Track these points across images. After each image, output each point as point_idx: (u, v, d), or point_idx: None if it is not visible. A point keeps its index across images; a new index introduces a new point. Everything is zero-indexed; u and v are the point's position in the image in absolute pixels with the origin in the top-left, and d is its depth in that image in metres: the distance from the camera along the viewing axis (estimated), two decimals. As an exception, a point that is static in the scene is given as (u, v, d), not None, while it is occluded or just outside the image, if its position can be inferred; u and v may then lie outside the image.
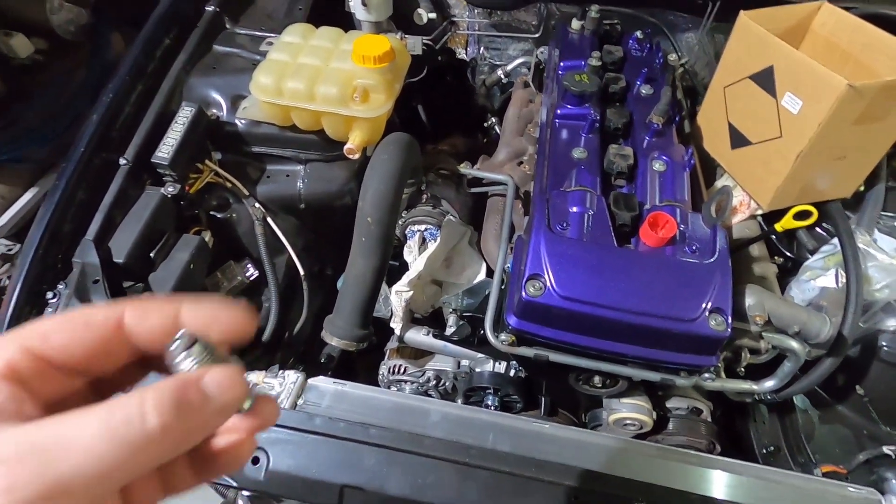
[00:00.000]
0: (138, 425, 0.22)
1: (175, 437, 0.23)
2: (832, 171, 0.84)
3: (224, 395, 0.24)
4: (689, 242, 0.72)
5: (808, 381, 0.80)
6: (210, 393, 0.24)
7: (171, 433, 0.22)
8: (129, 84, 0.95)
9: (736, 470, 0.67)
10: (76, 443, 0.21)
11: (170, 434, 0.22)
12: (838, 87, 0.70)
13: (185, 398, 0.23)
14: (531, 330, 0.71)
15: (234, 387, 0.25)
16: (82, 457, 0.21)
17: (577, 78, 0.90)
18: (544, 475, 0.62)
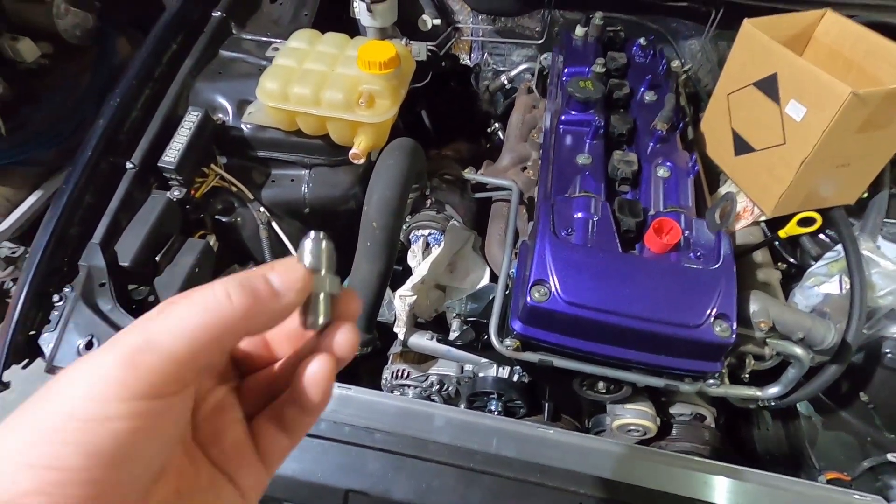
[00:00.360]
0: (225, 302, 0.25)
1: (249, 318, 0.26)
2: (836, 178, 0.84)
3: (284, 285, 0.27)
4: (693, 248, 0.72)
5: (812, 388, 0.80)
6: (273, 283, 0.27)
7: (248, 312, 0.26)
8: (136, 88, 0.96)
9: (740, 476, 0.67)
10: (175, 313, 0.25)
11: (248, 313, 0.26)
12: (842, 95, 0.71)
13: (253, 285, 0.26)
14: (536, 335, 0.71)
15: (293, 280, 0.28)
16: (180, 322, 0.24)
17: (582, 84, 0.91)
18: (548, 480, 0.62)
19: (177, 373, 0.24)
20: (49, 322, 0.76)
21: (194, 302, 0.25)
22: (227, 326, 0.25)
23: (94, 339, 0.73)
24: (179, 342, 0.24)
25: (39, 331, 0.76)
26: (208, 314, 0.25)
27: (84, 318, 0.74)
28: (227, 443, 0.29)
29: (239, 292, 0.26)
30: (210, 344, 0.25)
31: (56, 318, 0.76)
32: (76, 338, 0.74)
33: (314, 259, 0.30)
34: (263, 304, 0.26)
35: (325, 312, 0.30)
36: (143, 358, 0.23)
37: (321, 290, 0.29)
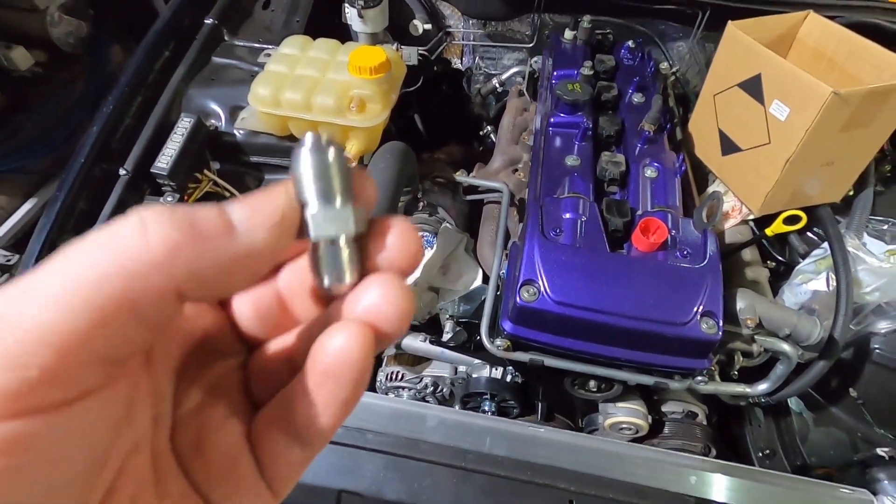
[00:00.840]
0: (136, 239, 0.15)
1: (181, 266, 0.16)
2: (821, 176, 0.86)
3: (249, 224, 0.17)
4: (680, 247, 0.73)
5: (801, 384, 0.81)
6: (233, 219, 0.17)
7: (176, 255, 0.15)
8: (129, 95, 0.97)
9: (731, 472, 0.68)
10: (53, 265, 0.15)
11: (176, 256, 0.15)
12: (824, 95, 0.72)
13: (194, 219, 0.16)
14: (526, 335, 0.72)
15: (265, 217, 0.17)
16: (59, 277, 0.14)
17: (570, 87, 0.92)
18: (540, 478, 0.63)
19: (60, 366, 0.14)
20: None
21: (87, 243, 0.15)
22: (142, 278, 0.15)
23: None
24: (53, 307, 0.14)
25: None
26: (105, 260, 0.14)
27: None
28: (214, 453, 0.19)
29: (162, 223, 0.15)
30: (115, 310, 0.14)
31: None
32: (70, 343, 0.74)
33: (314, 183, 0.18)
34: (210, 243, 0.16)
35: (350, 264, 0.19)
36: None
37: (332, 233, 0.18)
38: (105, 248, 0.15)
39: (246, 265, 0.17)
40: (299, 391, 0.18)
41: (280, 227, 0.17)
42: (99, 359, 0.15)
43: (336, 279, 0.19)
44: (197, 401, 0.20)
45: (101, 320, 0.14)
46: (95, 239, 0.15)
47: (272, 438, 0.20)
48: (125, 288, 0.15)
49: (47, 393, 0.14)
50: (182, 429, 0.20)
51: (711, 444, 0.89)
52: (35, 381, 0.13)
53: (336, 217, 0.18)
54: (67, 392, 0.14)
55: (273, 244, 0.17)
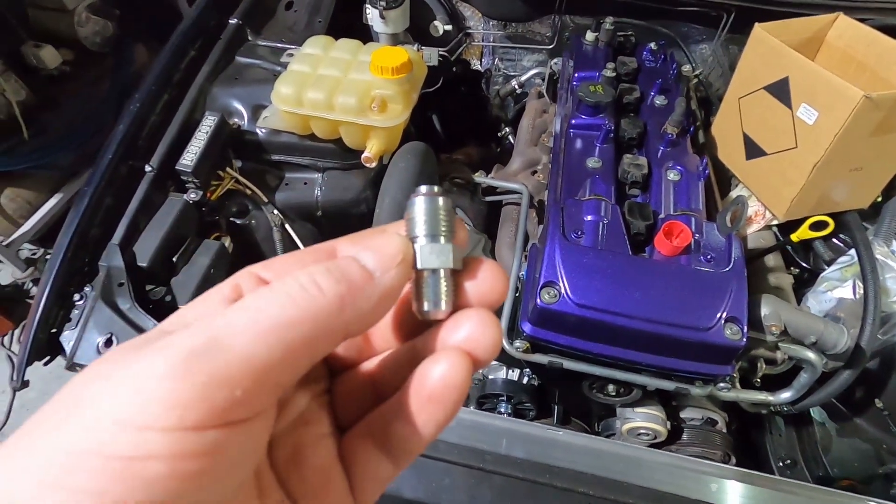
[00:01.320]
0: (316, 293, 0.18)
1: (346, 313, 0.19)
2: (849, 181, 0.84)
3: (383, 267, 0.20)
4: (703, 251, 0.72)
5: (826, 393, 0.79)
6: (368, 267, 0.20)
7: (344, 305, 0.19)
8: (155, 93, 0.99)
9: (752, 481, 0.67)
10: (252, 305, 0.18)
11: (344, 306, 0.19)
12: (855, 98, 0.71)
13: (344, 270, 0.20)
14: (545, 337, 0.72)
15: (393, 259, 0.20)
16: (260, 317, 0.17)
17: (592, 89, 0.92)
18: (558, 482, 0.62)
19: (254, 388, 0.16)
20: (70, 320, 0.78)
21: (276, 292, 0.18)
22: (322, 324, 0.18)
23: (114, 337, 0.75)
24: (259, 344, 0.17)
25: (61, 329, 0.78)
26: (297, 308, 0.18)
27: (104, 317, 0.76)
28: (309, 468, 0.22)
29: (329, 280, 0.19)
30: (301, 348, 0.18)
31: (77, 317, 0.78)
32: (96, 335, 0.76)
33: (424, 223, 0.22)
34: (360, 292, 0.19)
35: (447, 293, 0.22)
36: (205, 365, 0.16)
37: (435, 265, 0.22)
38: (294, 298, 0.18)
39: (386, 302, 0.21)
40: (399, 411, 0.21)
41: (403, 265, 0.21)
42: (277, 388, 0.18)
43: (435, 305, 0.22)
44: (291, 421, 0.22)
45: (288, 357, 0.17)
46: (283, 289, 0.18)
47: (365, 455, 0.22)
48: (313, 335, 0.18)
49: (242, 411, 0.17)
50: (279, 446, 0.22)
51: (731, 453, 0.88)
52: (238, 400, 0.16)
53: (440, 252, 0.22)
54: (251, 411, 0.17)
55: (401, 281, 0.21)
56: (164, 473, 0.15)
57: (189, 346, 0.16)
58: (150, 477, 0.15)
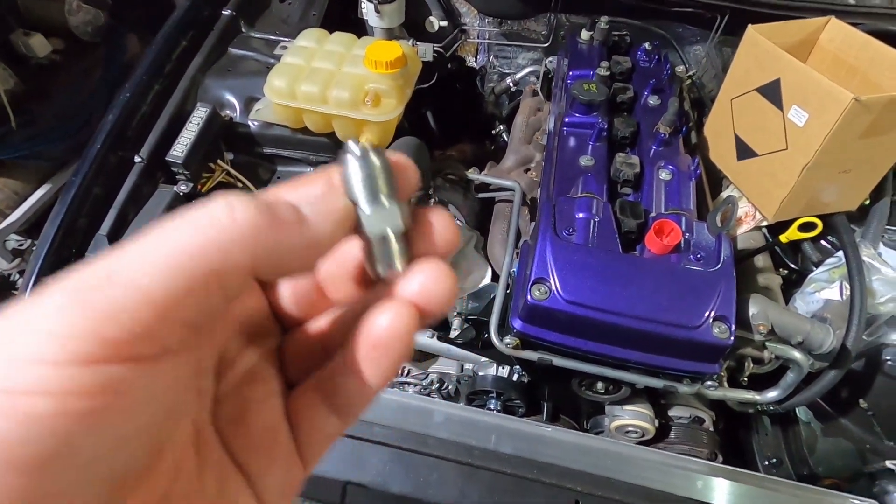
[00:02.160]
0: (225, 219, 0.17)
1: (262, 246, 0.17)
2: (838, 183, 0.85)
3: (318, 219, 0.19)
4: (693, 250, 0.73)
5: (812, 393, 0.80)
6: (302, 209, 0.19)
7: (260, 237, 0.17)
8: (146, 84, 0.97)
9: (737, 478, 0.67)
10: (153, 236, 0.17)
11: (259, 238, 0.17)
12: (844, 101, 0.71)
13: (271, 205, 0.18)
14: (535, 333, 0.72)
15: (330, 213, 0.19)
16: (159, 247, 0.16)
17: (586, 87, 0.92)
18: (546, 477, 0.63)
19: (154, 323, 0.15)
20: (55, 311, 0.77)
21: (183, 220, 0.17)
22: (228, 253, 0.17)
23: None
24: (157, 274, 0.16)
25: (46, 320, 0.77)
26: (199, 235, 0.16)
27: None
28: (254, 427, 0.21)
29: (247, 209, 0.17)
30: (204, 279, 0.16)
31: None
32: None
33: (363, 187, 0.21)
34: (285, 231, 0.18)
35: (400, 254, 0.21)
36: (99, 296, 0.15)
37: (382, 229, 0.21)
38: (199, 224, 0.17)
39: (310, 253, 0.19)
40: (344, 364, 0.20)
41: (342, 222, 0.20)
42: (185, 323, 0.16)
43: (389, 268, 0.21)
44: (238, 378, 0.22)
45: (192, 287, 0.16)
46: (190, 216, 0.17)
47: (312, 411, 0.22)
48: (215, 260, 0.16)
49: (143, 346, 0.16)
50: (224, 404, 0.21)
51: (718, 451, 0.89)
52: (136, 334, 0.15)
53: (386, 215, 0.21)
54: (156, 348, 0.16)
55: (334, 236, 0.20)
56: (53, 410, 0.14)
57: (85, 277, 0.15)
58: (37, 413, 0.14)
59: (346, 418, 0.22)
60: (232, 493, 0.20)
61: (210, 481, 0.20)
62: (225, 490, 0.20)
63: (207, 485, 0.20)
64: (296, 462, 0.22)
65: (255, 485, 0.21)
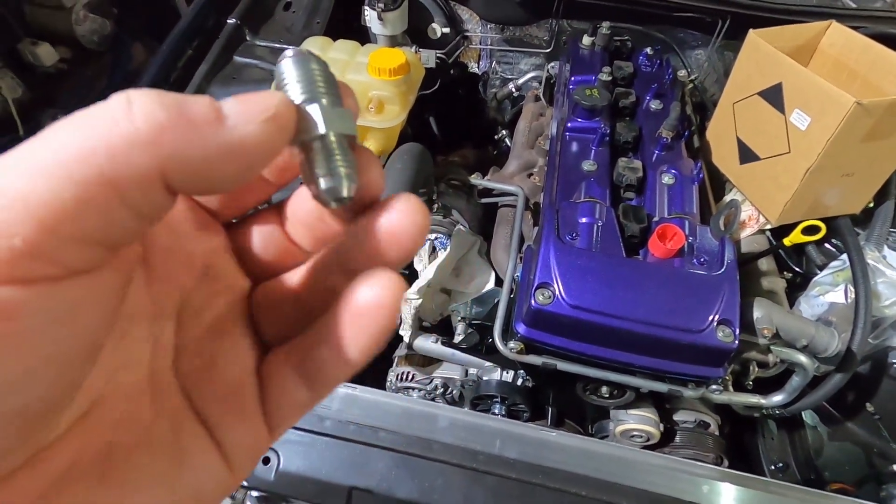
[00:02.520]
0: (120, 117, 0.14)
1: (165, 148, 0.15)
2: (841, 187, 0.85)
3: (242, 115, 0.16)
4: (697, 254, 0.73)
5: (817, 397, 0.80)
6: (222, 108, 0.16)
7: (161, 138, 0.15)
8: (153, 92, 0.98)
9: (744, 483, 0.67)
10: (39, 139, 0.14)
11: (161, 139, 0.15)
12: (846, 105, 0.72)
13: (182, 103, 0.15)
14: (539, 338, 0.72)
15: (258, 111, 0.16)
16: (42, 151, 0.14)
17: (588, 92, 0.92)
18: (551, 482, 0.62)
19: (44, 238, 0.13)
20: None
21: (73, 119, 0.15)
22: (125, 156, 0.14)
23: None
24: (38, 181, 0.13)
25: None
26: (90, 134, 0.14)
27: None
28: (220, 378, 0.20)
29: (148, 103, 0.15)
30: (98, 187, 0.14)
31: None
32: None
33: (301, 86, 0.18)
34: (197, 130, 0.15)
35: (348, 167, 0.18)
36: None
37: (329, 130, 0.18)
38: (90, 125, 0.14)
39: (235, 159, 0.16)
40: (323, 331, 0.19)
41: (273, 122, 0.16)
42: (86, 238, 0.14)
43: (333, 182, 0.18)
44: (204, 328, 0.20)
45: (84, 197, 0.14)
46: (81, 116, 0.15)
47: (283, 376, 0.20)
48: (108, 165, 0.14)
49: (33, 265, 0.13)
50: (188, 353, 0.20)
51: (724, 455, 0.88)
52: (19, 251, 0.13)
53: (337, 115, 0.18)
54: (54, 267, 0.14)
55: (264, 140, 0.16)
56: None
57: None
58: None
59: (316, 389, 0.20)
60: (188, 444, 0.19)
61: (161, 431, 0.18)
62: (180, 440, 0.19)
63: (158, 435, 0.18)
64: (260, 425, 0.20)
65: (219, 439, 0.20)
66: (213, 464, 0.19)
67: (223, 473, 0.20)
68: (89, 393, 0.17)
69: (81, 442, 0.17)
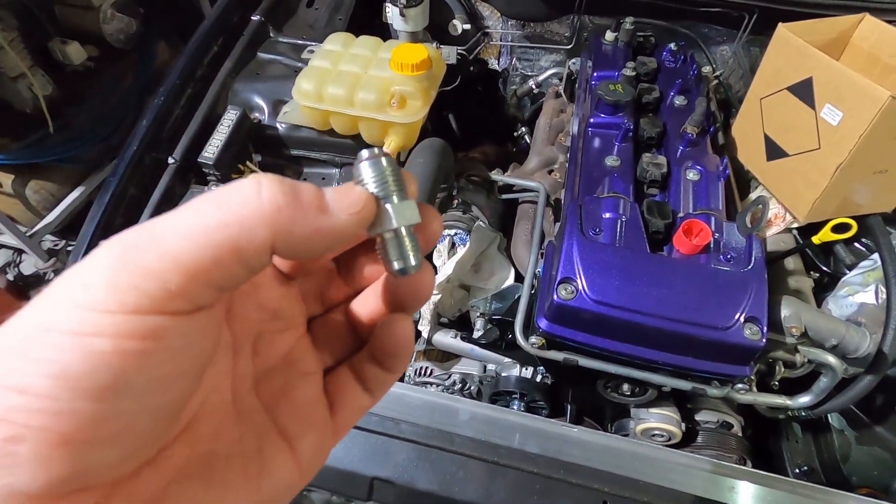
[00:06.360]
0: (252, 196, 0.19)
1: (283, 225, 0.19)
2: (873, 184, 0.83)
3: (339, 203, 0.21)
4: (723, 251, 0.72)
5: (845, 399, 0.78)
6: (325, 196, 0.21)
7: (282, 216, 0.19)
8: (179, 88, 1.00)
9: (771, 484, 0.66)
10: (188, 208, 0.19)
11: (281, 217, 0.19)
12: (881, 99, 0.70)
13: (297, 189, 0.20)
14: (561, 333, 0.72)
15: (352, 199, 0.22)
16: (191, 218, 0.19)
17: (612, 87, 0.91)
18: (573, 478, 0.62)
19: (187, 284, 0.18)
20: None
21: (213, 195, 0.19)
22: (249, 228, 0.19)
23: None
24: (186, 241, 0.18)
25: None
26: (225, 210, 0.19)
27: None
28: (300, 400, 0.25)
29: (273, 187, 0.19)
30: (227, 250, 0.19)
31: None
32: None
33: (376, 186, 0.23)
34: (305, 214, 0.20)
35: (415, 250, 0.23)
36: (139, 256, 0.18)
37: (401, 224, 0.23)
38: (229, 202, 0.19)
39: (329, 239, 0.21)
40: (371, 357, 0.26)
41: (359, 215, 0.22)
42: (212, 284, 0.19)
43: (404, 264, 0.23)
44: (279, 358, 0.26)
45: (217, 256, 0.19)
46: (222, 193, 0.19)
47: (347, 387, 0.27)
48: (238, 235, 0.19)
49: (178, 302, 0.18)
50: (268, 379, 0.25)
51: (747, 456, 0.87)
52: (171, 292, 0.18)
53: (403, 209, 0.23)
54: (189, 305, 0.19)
55: (353, 227, 0.22)
56: (109, 349, 0.17)
57: (129, 239, 0.18)
58: (97, 351, 0.17)
59: (375, 395, 0.27)
60: (270, 452, 0.24)
61: (249, 442, 0.23)
62: (263, 449, 0.23)
63: (247, 445, 0.23)
64: (331, 428, 0.26)
65: (295, 446, 0.24)
66: (290, 467, 0.24)
67: (296, 475, 0.24)
68: (190, 409, 0.22)
69: (188, 449, 0.21)
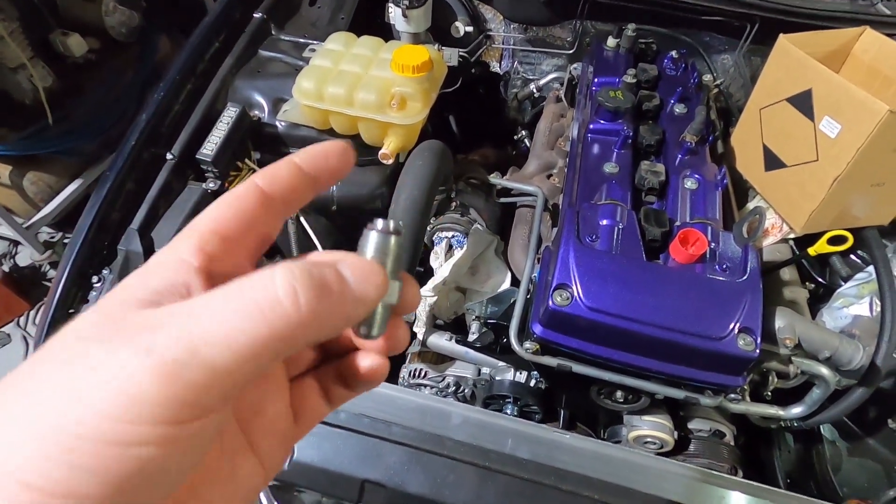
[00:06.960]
0: (291, 308, 0.20)
1: (318, 327, 0.21)
2: (870, 197, 0.83)
3: (361, 285, 0.22)
4: (719, 261, 0.72)
5: (838, 410, 0.78)
6: (348, 279, 0.22)
7: (318, 319, 0.20)
8: (180, 83, 1.00)
9: (761, 494, 0.66)
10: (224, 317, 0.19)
11: (318, 320, 0.20)
12: (880, 113, 0.70)
13: (325, 280, 0.21)
14: (556, 339, 0.72)
15: (372, 280, 0.22)
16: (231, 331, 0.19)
17: (612, 94, 0.92)
18: (563, 484, 0.62)
19: (223, 390, 0.19)
20: (88, 301, 0.79)
21: (249, 301, 0.19)
22: (290, 339, 0.20)
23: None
24: (229, 356, 0.19)
25: (78, 310, 0.79)
26: (267, 324, 0.19)
27: (120, 300, 0.77)
28: (270, 414, 0.26)
29: (309, 292, 0.20)
30: (266, 359, 0.20)
31: (94, 298, 0.79)
32: (111, 318, 0.77)
33: (380, 256, 0.24)
34: (335, 308, 0.21)
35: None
36: (186, 374, 0.18)
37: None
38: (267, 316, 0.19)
39: (350, 323, 0.23)
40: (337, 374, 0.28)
41: (384, 287, 0.23)
42: (244, 383, 0.20)
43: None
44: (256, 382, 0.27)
45: (258, 366, 0.20)
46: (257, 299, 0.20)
47: (313, 400, 0.28)
48: (280, 349, 0.20)
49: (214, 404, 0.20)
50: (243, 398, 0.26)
51: (738, 466, 0.87)
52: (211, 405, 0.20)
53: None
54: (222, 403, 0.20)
55: (372, 307, 0.24)
56: (156, 454, 0.18)
57: (171, 356, 0.18)
58: (144, 457, 0.18)
59: (335, 406, 0.29)
60: (241, 464, 0.25)
61: (226, 465, 0.24)
62: (236, 465, 0.25)
63: (224, 469, 0.24)
64: (292, 434, 0.27)
65: (263, 458, 0.26)
66: (258, 474, 0.26)
67: (261, 476, 0.26)
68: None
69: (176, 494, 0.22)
